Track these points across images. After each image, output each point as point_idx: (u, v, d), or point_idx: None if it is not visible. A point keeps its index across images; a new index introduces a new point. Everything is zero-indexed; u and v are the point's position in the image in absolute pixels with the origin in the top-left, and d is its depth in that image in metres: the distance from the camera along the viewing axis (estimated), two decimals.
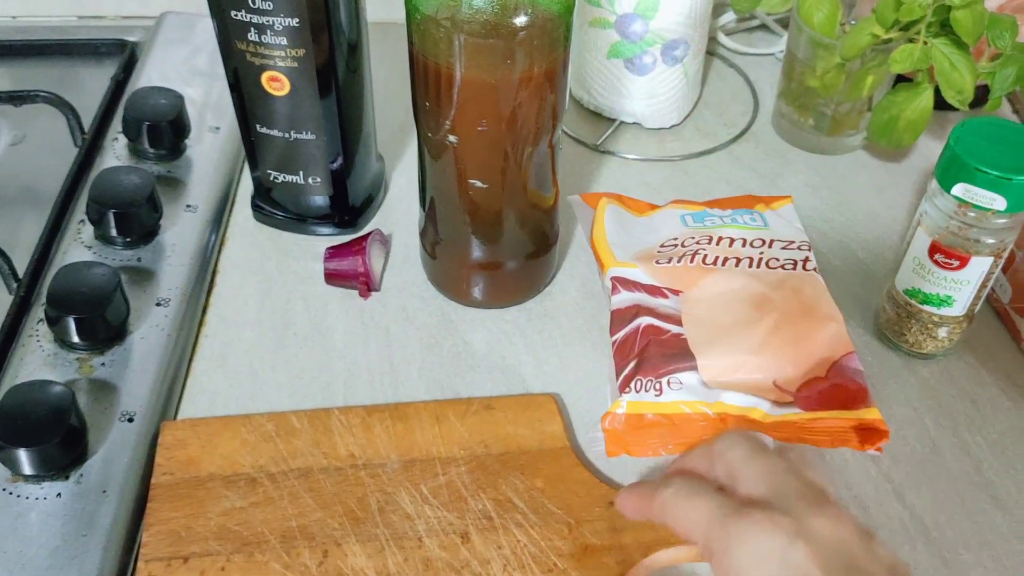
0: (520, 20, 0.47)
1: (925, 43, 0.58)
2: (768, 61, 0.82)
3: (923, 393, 0.57)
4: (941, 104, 0.62)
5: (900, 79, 0.69)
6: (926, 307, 0.55)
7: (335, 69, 0.56)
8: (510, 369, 0.57)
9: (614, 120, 0.74)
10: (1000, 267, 0.53)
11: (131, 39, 0.79)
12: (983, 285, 0.54)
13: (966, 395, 0.57)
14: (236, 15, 0.54)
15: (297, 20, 0.53)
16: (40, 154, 0.71)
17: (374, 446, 0.51)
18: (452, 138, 0.52)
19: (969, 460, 0.53)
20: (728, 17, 0.82)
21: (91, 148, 0.68)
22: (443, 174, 0.55)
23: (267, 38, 0.54)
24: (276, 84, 0.56)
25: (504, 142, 0.51)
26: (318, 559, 0.47)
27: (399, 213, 0.67)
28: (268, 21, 0.53)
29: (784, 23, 0.84)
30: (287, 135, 0.59)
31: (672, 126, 0.74)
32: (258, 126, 0.59)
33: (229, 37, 0.55)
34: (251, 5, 0.53)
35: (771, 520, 0.36)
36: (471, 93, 0.49)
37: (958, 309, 0.55)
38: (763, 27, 0.85)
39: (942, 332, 0.56)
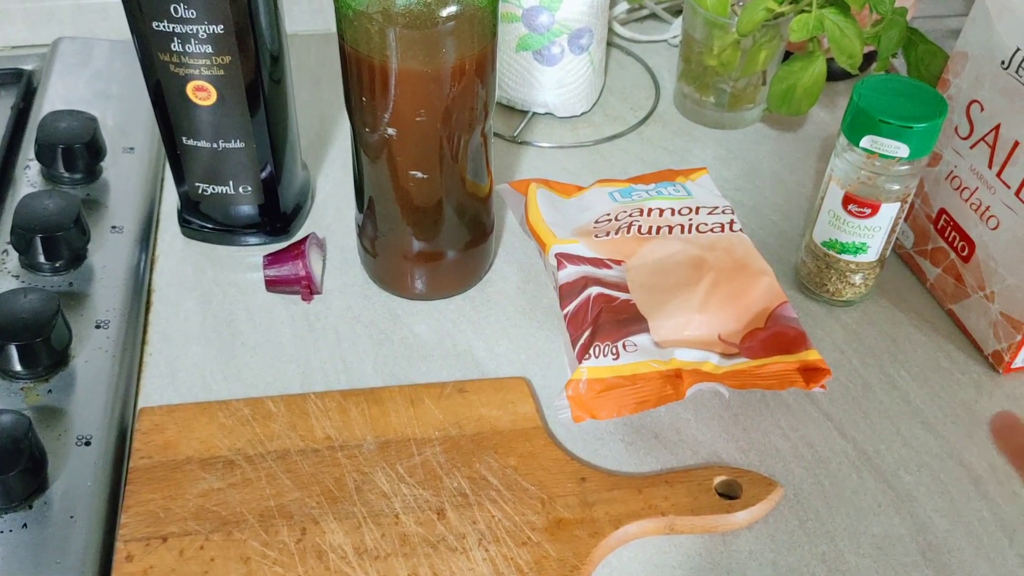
0: (451, 10, 0.49)
1: (817, 12, 0.62)
2: (661, 47, 0.86)
3: (847, 337, 0.61)
4: (827, 75, 0.67)
5: (787, 54, 0.73)
6: (843, 256, 0.59)
7: (261, 74, 0.57)
8: (463, 355, 0.58)
9: (527, 112, 0.76)
10: (905, 212, 0.58)
11: (27, 67, 0.77)
12: (892, 230, 0.58)
13: (886, 335, 0.61)
14: (158, 26, 0.53)
15: (222, 27, 0.53)
16: None
17: (350, 428, 0.52)
18: (391, 131, 0.53)
19: (897, 392, 0.58)
20: (620, 8, 0.86)
21: (1, 178, 0.66)
22: (382, 169, 0.55)
23: (191, 47, 0.54)
24: (202, 94, 0.56)
25: (442, 131, 0.53)
26: (296, 536, 0.47)
27: (328, 218, 0.67)
28: (192, 29, 0.53)
29: (671, 11, 0.89)
30: (215, 145, 0.59)
31: (582, 113, 0.77)
32: (184, 138, 0.59)
33: (151, 49, 0.55)
34: (173, 15, 0.53)
35: None
36: (408, 85, 0.51)
37: (872, 255, 0.59)
38: (653, 16, 0.89)
39: (858, 279, 0.61)
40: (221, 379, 0.57)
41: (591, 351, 0.51)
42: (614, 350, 0.51)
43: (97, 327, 0.57)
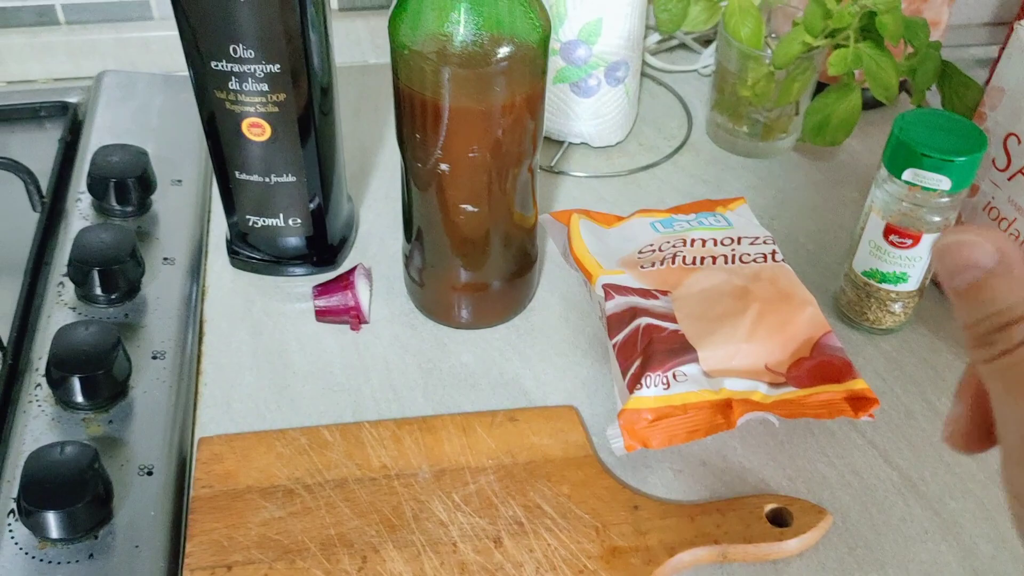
0: (505, 50, 0.50)
1: (855, 47, 0.64)
2: (692, 77, 0.88)
3: (888, 365, 0.62)
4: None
5: (822, 86, 0.75)
6: (884, 285, 0.60)
7: (313, 109, 0.58)
8: (510, 383, 0.59)
9: (563, 142, 0.78)
10: None
11: (72, 100, 0.78)
12: (932, 259, 0.59)
13: (926, 363, 0.62)
14: (216, 65, 0.55)
15: (278, 66, 0.55)
16: None
17: (405, 457, 0.53)
18: (443, 166, 0.54)
19: (939, 419, 0.58)
20: (651, 39, 0.88)
21: (52, 211, 0.67)
22: (432, 203, 0.57)
23: (248, 85, 0.55)
24: (256, 130, 0.58)
25: (493, 166, 0.54)
26: (358, 565, 0.48)
27: (373, 248, 0.69)
28: (250, 69, 0.55)
29: (700, 41, 0.90)
30: (267, 179, 0.60)
31: (617, 143, 0.79)
32: (237, 173, 0.60)
33: (207, 87, 0.56)
34: (232, 55, 0.54)
35: None
36: (462, 122, 0.52)
37: (912, 284, 0.60)
38: (683, 46, 0.91)
39: (898, 307, 0.62)
40: (275, 408, 0.58)
41: (642, 381, 0.52)
42: (664, 380, 0.52)
43: (154, 358, 0.58)
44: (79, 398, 0.54)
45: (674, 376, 0.53)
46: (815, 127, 0.69)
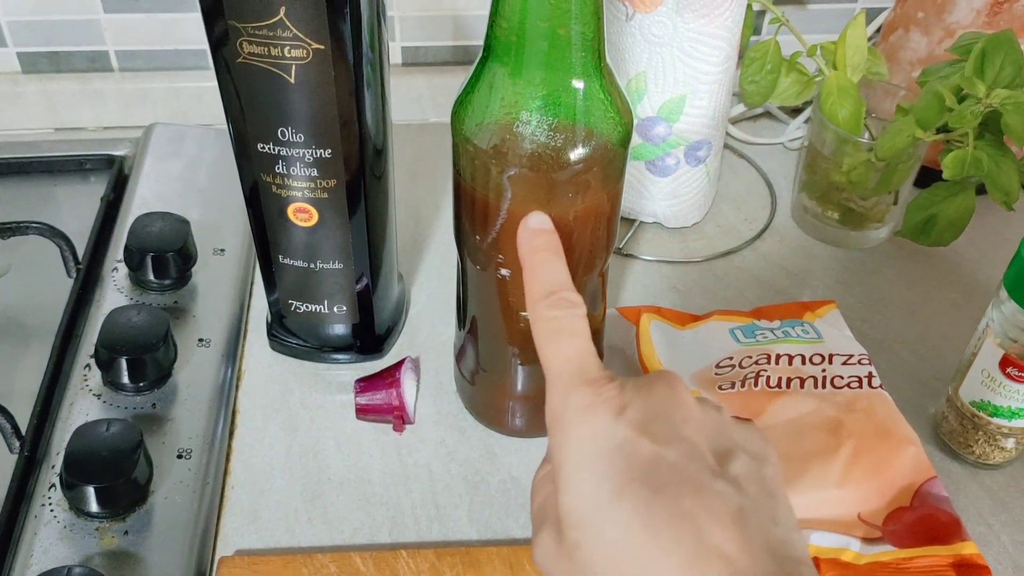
0: (581, 152, 0.44)
1: (973, 147, 0.57)
2: (777, 150, 0.81)
3: (995, 507, 0.54)
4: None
5: (925, 171, 0.68)
6: (996, 419, 0.53)
7: (366, 195, 0.53)
8: None
9: (634, 220, 0.72)
10: None
11: (118, 153, 0.74)
12: None
13: None
14: (263, 148, 0.50)
15: (330, 151, 0.50)
16: (25, 286, 0.65)
17: None
18: (504, 272, 0.49)
19: None
20: (735, 109, 0.81)
21: (87, 279, 0.63)
22: (491, 308, 0.51)
23: (296, 170, 0.51)
24: (303, 215, 0.53)
25: None
26: None
27: (423, 335, 0.63)
28: (299, 153, 0.50)
29: (788, 110, 0.84)
30: (312, 265, 0.55)
31: (694, 224, 0.72)
32: (280, 257, 0.55)
33: (253, 170, 0.51)
34: (280, 138, 0.49)
35: (602, 399, 0.33)
36: None
37: None
38: (767, 115, 0.84)
39: (1010, 443, 0.54)
40: (306, 520, 0.53)
41: None
42: None
43: (179, 457, 0.53)
44: (94, 507, 0.49)
45: None
46: (919, 225, 0.62)
